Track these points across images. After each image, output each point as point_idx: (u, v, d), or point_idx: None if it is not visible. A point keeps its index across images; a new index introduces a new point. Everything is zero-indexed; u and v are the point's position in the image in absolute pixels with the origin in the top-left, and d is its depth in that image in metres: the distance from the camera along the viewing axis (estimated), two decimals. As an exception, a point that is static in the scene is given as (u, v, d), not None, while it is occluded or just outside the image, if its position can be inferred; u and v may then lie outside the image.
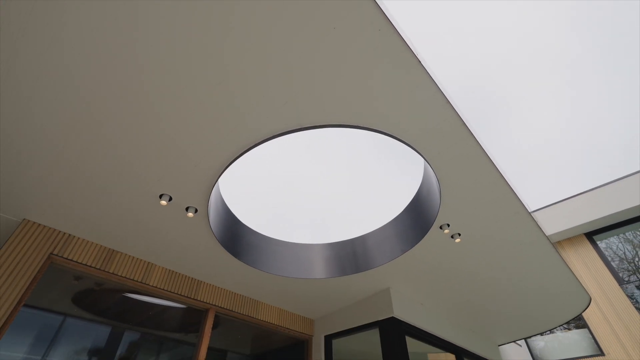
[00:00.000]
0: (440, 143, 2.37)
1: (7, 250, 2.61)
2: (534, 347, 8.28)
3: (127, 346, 8.21)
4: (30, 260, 2.68)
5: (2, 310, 2.42)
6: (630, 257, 7.63)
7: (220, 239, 3.16)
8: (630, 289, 7.35)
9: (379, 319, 4.09)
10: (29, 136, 2.12)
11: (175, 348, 9.81)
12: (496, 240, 3.41)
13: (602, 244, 8.05)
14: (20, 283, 2.57)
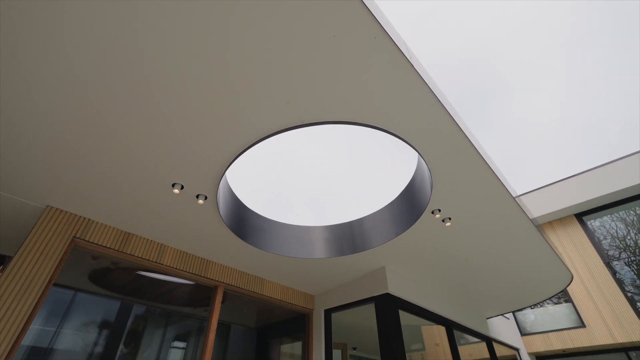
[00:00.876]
0: (432, 138, 2.57)
1: (35, 235, 2.87)
2: (526, 320, 8.80)
3: (137, 320, 8.72)
4: (56, 243, 2.95)
5: (35, 290, 2.70)
6: (622, 235, 7.93)
7: (228, 223, 3.42)
8: (620, 265, 7.72)
9: (375, 295, 4.43)
10: (51, 133, 2.32)
11: (182, 321, 10.39)
12: (484, 223, 3.67)
13: (596, 222, 8.36)
14: (49, 264, 2.85)
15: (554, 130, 29.50)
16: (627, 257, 7.69)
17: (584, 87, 25.07)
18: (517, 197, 3.52)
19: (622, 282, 7.51)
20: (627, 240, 7.87)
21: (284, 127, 2.42)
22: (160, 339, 9.61)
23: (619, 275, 7.61)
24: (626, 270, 7.62)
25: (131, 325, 8.63)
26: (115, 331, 8.20)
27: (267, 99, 2.17)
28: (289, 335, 6.05)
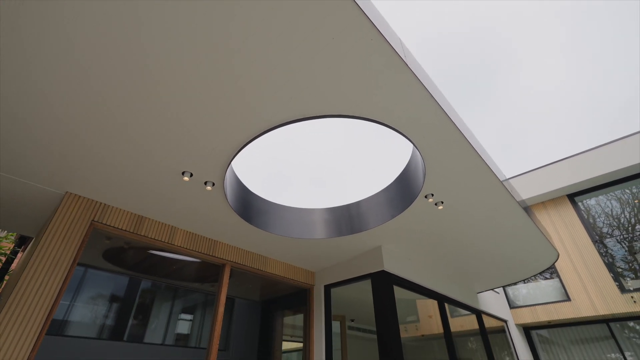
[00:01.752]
0: (425, 129, 2.75)
1: (57, 219, 3.11)
2: (515, 294, 9.28)
3: (147, 294, 9.21)
4: (77, 226, 3.20)
5: (62, 270, 2.98)
6: (616, 213, 8.19)
7: (234, 206, 3.66)
8: (612, 242, 8.04)
9: (371, 272, 4.75)
10: (69, 130, 2.50)
11: (189, 295, 10.92)
12: (474, 206, 3.91)
13: (592, 201, 8.62)
14: (72, 246, 3.11)
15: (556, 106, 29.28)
16: (620, 234, 8.01)
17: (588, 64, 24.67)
18: (506, 180, 3.74)
19: (607, 258, 7.88)
20: (621, 218, 8.16)
21: (286, 120, 2.60)
22: (169, 312, 10.17)
23: (606, 251, 7.97)
24: (618, 248, 7.95)
25: (141, 299, 9.15)
26: (127, 304, 8.71)
27: (271, 95, 2.34)
28: (291, 308, 6.47)
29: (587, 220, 8.45)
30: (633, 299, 7.06)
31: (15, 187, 3.18)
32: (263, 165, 3.46)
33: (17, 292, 2.70)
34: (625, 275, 7.60)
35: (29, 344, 2.65)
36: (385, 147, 3.12)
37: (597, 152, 8.29)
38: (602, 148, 8.27)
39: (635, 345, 7.45)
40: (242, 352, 8.13)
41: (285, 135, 2.99)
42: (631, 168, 7.76)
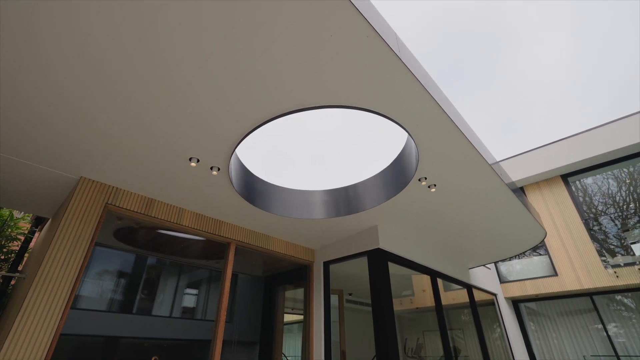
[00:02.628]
0: (418, 119, 2.92)
1: (74, 202, 3.34)
2: (505, 269, 9.71)
3: (155, 270, 9.64)
4: (93, 209, 3.43)
5: (81, 249, 3.24)
6: (610, 192, 8.41)
7: (238, 189, 3.88)
8: (604, 221, 8.32)
9: (368, 249, 5.05)
10: (83, 121, 2.67)
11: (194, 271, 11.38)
12: (465, 189, 4.13)
13: (588, 180, 8.84)
14: (89, 227, 3.36)
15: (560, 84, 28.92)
16: (615, 212, 8.28)
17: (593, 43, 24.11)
18: (496, 163, 3.94)
19: (596, 235, 8.21)
20: (617, 197, 8.40)
21: (287, 110, 2.76)
22: (175, 287, 10.66)
23: (594, 230, 8.28)
24: (609, 225, 8.25)
25: (147, 275, 9.59)
26: (134, 280, 9.14)
27: (273, 87, 2.50)
28: (292, 283, 6.85)
29: (578, 199, 8.73)
30: (616, 274, 7.46)
31: (32, 173, 3.38)
32: (264, 143, 3.63)
33: (42, 270, 2.96)
34: (611, 251, 7.95)
35: (57, 315, 2.94)
36: (381, 132, 3.28)
37: (590, 134, 8.46)
38: (595, 130, 8.43)
39: (616, 316, 7.94)
40: (247, 324, 8.64)
41: (285, 119, 3.14)
42: (622, 150, 7.96)
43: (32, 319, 2.79)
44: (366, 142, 4.35)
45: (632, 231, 7.87)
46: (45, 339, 2.81)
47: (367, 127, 3.18)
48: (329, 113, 3.15)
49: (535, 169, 9.23)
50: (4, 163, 3.21)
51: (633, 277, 7.27)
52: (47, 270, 2.97)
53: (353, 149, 4.82)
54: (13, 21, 1.89)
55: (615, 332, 7.78)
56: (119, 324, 8.13)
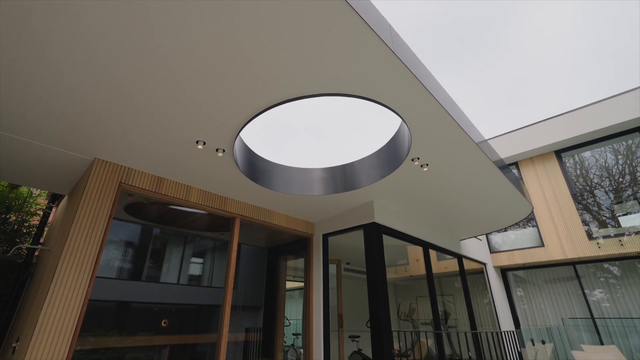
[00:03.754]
0: (410, 105, 3.11)
1: (91, 182, 3.61)
2: (496, 240, 10.19)
3: (162, 241, 10.12)
4: (108, 187, 3.71)
5: (101, 224, 3.55)
6: (611, 165, 8.59)
7: (242, 169, 4.14)
8: (601, 192, 8.60)
9: (364, 223, 5.40)
10: (96, 111, 2.87)
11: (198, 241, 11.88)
12: (455, 167, 4.39)
13: (587, 153, 9.03)
14: (107, 204, 3.65)
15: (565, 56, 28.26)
16: (610, 184, 8.54)
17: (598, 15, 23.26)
18: (483, 142, 4.16)
19: (584, 208, 8.58)
20: (609, 171, 8.64)
21: (288, 97, 2.95)
22: (181, 256, 11.21)
23: (582, 203, 8.63)
24: (604, 198, 8.53)
25: (154, 245, 10.09)
26: (141, 249, 9.63)
27: (275, 77, 2.68)
28: (293, 254, 7.29)
29: (569, 174, 9.01)
30: (598, 245, 7.91)
31: (50, 155, 3.62)
32: (265, 123, 3.83)
33: (69, 243, 3.29)
34: (602, 223, 8.28)
35: (85, 283, 3.31)
36: (377, 113, 3.49)
37: (584, 111, 8.57)
38: (588, 107, 8.53)
39: (597, 283, 8.50)
40: (251, 290, 9.24)
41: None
42: (614, 127, 8.13)
43: (63, 286, 3.16)
44: (363, 123, 4.55)
45: (625, 203, 8.13)
46: (77, 304, 3.20)
47: (364, 109, 3.37)
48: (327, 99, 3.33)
49: (529, 144, 9.44)
50: (24, 146, 3.44)
51: (614, 248, 7.72)
52: (72, 244, 3.30)
53: (350, 129, 5.02)
54: (29, 24, 2.06)
55: (599, 298, 8.37)
56: (129, 290, 8.70)
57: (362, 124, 4.56)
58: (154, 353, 7.46)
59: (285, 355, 8.27)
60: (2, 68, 2.43)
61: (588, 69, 28.56)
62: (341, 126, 4.94)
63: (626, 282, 8.05)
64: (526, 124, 9.76)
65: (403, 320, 9.13)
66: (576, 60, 28.67)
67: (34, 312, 3.31)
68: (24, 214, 4.64)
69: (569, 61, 28.93)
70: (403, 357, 6.42)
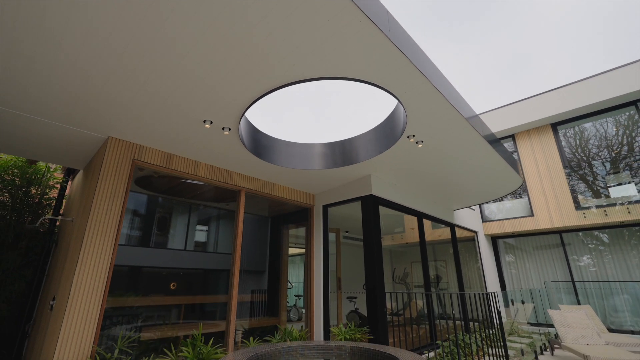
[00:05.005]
0: (407, 88, 3.30)
1: (108, 159, 3.87)
2: (489, 210, 10.61)
3: (165, 209, 10.52)
4: (123, 164, 3.98)
5: (120, 197, 3.86)
6: (611, 135, 8.71)
7: (247, 145, 4.38)
8: (598, 165, 8.81)
9: (361, 195, 5.73)
10: (110, 92, 3.06)
11: (202, 210, 12.36)
12: (448, 143, 4.63)
13: (588, 124, 9.15)
14: (123, 179, 3.94)
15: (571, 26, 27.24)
16: (609, 153, 8.74)
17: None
18: (474, 117, 4.36)
19: (581, 177, 8.90)
20: (613, 139, 8.73)
21: (292, 80, 3.14)
22: (186, 224, 11.72)
23: (572, 175, 8.92)
24: (601, 169, 8.75)
25: (159, 213, 10.55)
26: (148, 218, 10.08)
27: (278, 61, 2.86)
28: (295, 223, 7.71)
29: (563, 147, 9.23)
30: (584, 215, 8.32)
31: (66, 133, 3.85)
32: (268, 100, 4.03)
33: (92, 216, 3.62)
34: (596, 193, 8.57)
35: (110, 250, 3.69)
36: (376, 92, 3.68)
37: (581, 85, 8.61)
38: (585, 81, 8.56)
39: (584, 250, 9.03)
40: (254, 256, 9.81)
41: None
42: (612, 100, 8.22)
43: (91, 254, 3.53)
44: (362, 100, 4.71)
45: (621, 173, 8.31)
46: (104, 269, 3.59)
47: (362, 88, 3.55)
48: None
49: (526, 117, 9.55)
50: (42, 126, 3.66)
51: (598, 218, 8.14)
52: (95, 217, 3.64)
53: (349, 107, 5.19)
54: (48, 21, 2.22)
55: (586, 263, 8.94)
56: (139, 256, 9.25)
57: (361, 101, 4.73)
58: (166, 312, 8.11)
59: (289, 314, 9.01)
60: (24, 59, 2.61)
61: (590, 42, 27.68)
62: (341, 103, 5.10)
63: (612, 249, 8.54)
64: (524, 97, 9.81)
65: (398, 284, 9.79)
66: (580, 31, 27.69)
67: (66, 276, 3.71)
68: (43, 188, 4.94)
69: (573, 32, 27.95)
70: (396, 316, 7.05)
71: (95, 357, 3.30)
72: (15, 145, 4.21)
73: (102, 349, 3.42)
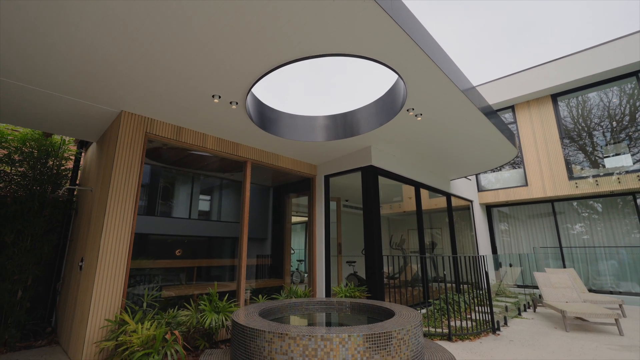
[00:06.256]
0: (407, 62, 3.45)
1: (123, 132, 4.09)
2: (484, 180, 10.92)
3: (168, 179, 10.84)
4: (137, 136, 4.20)
5: (136, 167, 4.13)
6: (615, 105, 8.73)
7: (253, 118, 4.57)
8: (598, 135, 8.97)
9: (362, 166, 6.00)
10: (124, 68, 3.22)
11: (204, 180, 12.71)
12: (446, 116, 4.81)
13: (593, 94, 9.16)
14: (138, 152, 4.18)
15: None
16: (610, 123, 8.85)
17: None
18: (471, 89, 4.51)
19: (581, 148, 9.13)
20: (616, 110, 8.73)
21: (298, 57, 3.29)
22: (189, 193, 12.09)
23: (568, 145, 9.12)
24: (601, 139, 8.90)
25: (163, 183, 10.91)
26: (152, 188, 10.42)
27: (283, 40, 3.01)
28: (297, 192, 8.04)
29: (561, 118, 9.36)
30: (576, 185, 8.64)
31: (81, 107, 4.04)
32: (272, 73, 4.18)
33: (112, 186, 3.90)
34: (594, 163, 8.77)
35: (131, 218, 4.01)
36: (377, 66, 3.83)
37: (581, 55, 8.57)
38: (586, 51, 8.51)
39: (577, 218, 9.46)
40: (257, 224, 10.27)
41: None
42: (613, 71, 8.23)
43: (114, 222, 3.86)
44: (364, 74, 4.83)
45: (620, 143, 8.45)
46: (127, 235, 3.94)
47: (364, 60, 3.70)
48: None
49: (527, 88, 9.58)
50: (58, 100, 3.84)
51: (589, 187, 8.47)
52: (115, 188, 3.92)
53: (352, 79, 5.31)
54: None
55: (578, 231, 9.41)
56: (145, 224, 9.73)
57: (363, 74, 4.84)
58: (180, 274, 8.66)
59: (292, 278, 9.61)
60: (44, 41, 2.76)
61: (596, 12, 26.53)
62: (343, 76, 5.22)
63: (605, 218, 8.90)
64: (525, 68, 9.77)
65: (395, 250, 10.32)
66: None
67: (92, 240, 4.07)
68: (59, 159, 5.19)
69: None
70: (392, 279, 7.59)
71: (126, 309, 3.74)
72: (32, 120, 4.40)
73: (130, 303, 3.86)
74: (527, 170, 9.70)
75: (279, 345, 2.80)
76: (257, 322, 3.20)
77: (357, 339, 2.77)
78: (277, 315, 4.24)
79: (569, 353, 4.18)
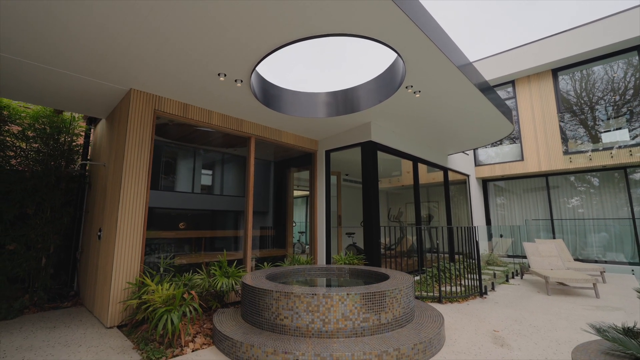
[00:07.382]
0: (406, 42, 3.58)
1: (133, 109, 4.27)
2: (482, 155, 11.13)
3: (169, 154, 11.05)
4: (147, 114, 4.39)
5: (147, 144, 4.34)
6: (619, 78, 8.70)
7: (257, 95, 4.73)
8: (600, 109, 8.99)
9: (361, 141, 6.20)
10: (136, 48, 3.35)
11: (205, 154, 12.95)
12: (444, 92, 4.96)
13: (598, 67, 9.06)
14: (148, 128, 4.38)
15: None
16: (611, 97, 8.86)
17: None
18: (467, 65, 4.64)
19: (582, 122, 9.27)
20: (620, 83, 8.72)
21: (300, 37, 3.42)
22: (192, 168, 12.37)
23: (564, 120, 9.24)
24: (603, 113, 8.95)
25: (165, 158, 11.15)
26: (155, 163, 10.67)
27: (286, 20, 3.14)
28: (299, 166, 8.30)
29: (560, 93, 9.42)
30: (570, 160, 8.88)
31: (91, 85, 4.19)
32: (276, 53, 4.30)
33: (126, 162, 4.14)
34: (594, 138, 8.90)
35: (144, 193, 4.29)
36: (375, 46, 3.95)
37: (583, 30, 8.49)
38: (588, 25, 8.42)
39: (573, 192, 9.77)
40: (260, 198, 10.62)
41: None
42: (614, 45, 8.21)
43: (129, 196, 4.13)
44: (365, 51, 4.93)
45: (621, 117, 8.50)
46: (142, 208, 4.23)
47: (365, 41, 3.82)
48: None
49: (527, 63, 9.56)
50: (71, 79, 4.00)
51: (582, 162, 8.70)
52: (129, 164, 4.17)
53: (353, 57, 5.39)
54: None
55: (574, 205, 9.75)
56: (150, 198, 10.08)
57: (364, 51, 4.94)
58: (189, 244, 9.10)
59: (293, 248, 10.09)
60: (59, 22, 2.89)
61: None
62: (344, 53, 5.30)
63: (602, 191, 9.17)
64: (525, 42, 9.69)
65: (392, 222, 10.74)
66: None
67: (109, 212, 4.37)
68: (71, 135, 5.39)
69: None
70: (389, 250, 8.01)
71: (145, 272, 4.11)
72: (44, 97, 4.56)
73: (148, 268, 4.22)
74: (524, 145, 9.90)
75: (285, 302, 3.17)
76: (265, 284, 3.57)
77: (355, 297, 3.13)
78: (281, 280, 4.63)
79: (546, 312, 4.62)
